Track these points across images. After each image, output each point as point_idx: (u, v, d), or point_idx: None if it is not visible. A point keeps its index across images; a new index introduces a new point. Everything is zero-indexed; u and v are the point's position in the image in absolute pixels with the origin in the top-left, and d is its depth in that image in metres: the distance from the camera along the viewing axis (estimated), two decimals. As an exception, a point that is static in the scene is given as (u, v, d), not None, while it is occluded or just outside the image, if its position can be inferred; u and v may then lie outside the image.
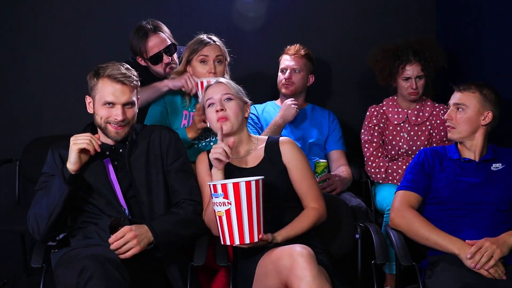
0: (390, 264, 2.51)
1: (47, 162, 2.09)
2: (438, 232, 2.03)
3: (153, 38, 2.56)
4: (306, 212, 2.05)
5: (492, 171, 2.15)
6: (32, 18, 3.10)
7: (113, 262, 1.75)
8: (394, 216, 2.13)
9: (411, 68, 2.66)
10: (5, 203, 3.09)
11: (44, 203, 1.95)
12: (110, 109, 2.01)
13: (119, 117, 1.99)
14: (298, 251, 1.76)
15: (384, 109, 2.79)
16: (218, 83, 2.14)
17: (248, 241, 1.84)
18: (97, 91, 2.03)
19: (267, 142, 2.15)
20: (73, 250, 1.91)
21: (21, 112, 3.15)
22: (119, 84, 2.00)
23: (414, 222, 2.07)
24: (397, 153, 2.74)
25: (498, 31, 2.62)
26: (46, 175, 2.06)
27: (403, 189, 2.17)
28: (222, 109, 2.07)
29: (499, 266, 1.92)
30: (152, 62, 2.60)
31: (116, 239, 1.86)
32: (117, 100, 2.00)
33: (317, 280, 1.71)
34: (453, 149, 2.22)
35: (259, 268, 1.89)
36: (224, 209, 1.82)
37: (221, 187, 1.81)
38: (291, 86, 2.79)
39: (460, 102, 2.16)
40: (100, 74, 2.02)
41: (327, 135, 2.84)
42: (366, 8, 3.17)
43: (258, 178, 1.85)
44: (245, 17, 3.07)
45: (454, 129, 2.18)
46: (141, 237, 1.88)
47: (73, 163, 1.93)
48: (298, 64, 2.78)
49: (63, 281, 1.77)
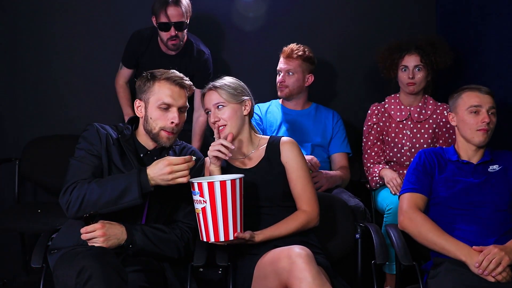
0: (390, 264, 2.50)
1: (90, 140, 1.98)
2: (446, 237, 2.02)
3: (171, 9, 2.69)
4: (295, 215, 2.04)
5: (490, 173, 2.14)
6: (31, 18, 3.10)
7: (112, 262, 1.75)
8: (403, 220, 2.11)
9: (409, 58, 2.68)
10: (4, 202, 3.08)
11: (102, 195, 1.86)
12: (165, 112, 1.99)
13: (176, 120, 1.98)
14: (296, 253, 1.76)
15: (386, 107, 2.79)
16: (211, 91, 2.13)
17: (223, 239, 1.86)
18: (153, 93, 2.00)
19: (269, 141, 2.16)
20: (72, 250, 1.89)
21: (20, 112, 3.15)
22: (177, 86, 2.00)
23: (423, 226, 2.05)
24: (400, 151, 2.74)
25: (498, 31, 2.62)
26: (89, 153, 1.95)
27: (408, 191, 2.15)
28: (218, 120, 2.08)
29: (508, 272, 1.91)
30: (159, 28, 2.74)
31: (85, 231, 1.87)
32: (175, 102, 1.99)
33: (317, 280, 1.71)
34: (451, 151, 2.21)
35: (258, 269, 1.89)
36: (200, 206, 1.86)
37: (197, 185, 1.85)
38: (285, 89, 2.79)
39: (494, 105, 2.14)
40: (157, 77, 2.01)
41: (330, 137, 2.83)
42: (366, 8, 3.17)
43: (235, 177, 1.87)
44: (245, 17, 3.06)
45: (489, 132, 2.14)
46: (110, 237, 1.88)
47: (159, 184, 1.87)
48: (291, 66, 2.77)
49: (62, 281, 1.76)
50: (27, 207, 2.95)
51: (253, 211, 2.01)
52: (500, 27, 2.60)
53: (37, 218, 2.72)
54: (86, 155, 1.96)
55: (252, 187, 2.02)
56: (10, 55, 3.12)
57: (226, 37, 3.09)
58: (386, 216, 2.54)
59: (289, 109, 2.87)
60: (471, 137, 2.14)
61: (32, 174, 3.04)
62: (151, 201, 2.02)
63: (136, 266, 1.91)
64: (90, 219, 1.88)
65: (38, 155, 3.02)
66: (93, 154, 1.96)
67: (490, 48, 2.70)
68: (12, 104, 3.14)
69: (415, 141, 2.72)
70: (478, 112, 2.12)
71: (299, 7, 3.15)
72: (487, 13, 2.72)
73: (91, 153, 1.96)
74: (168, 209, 2.06)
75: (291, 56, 2.77)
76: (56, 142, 3.04)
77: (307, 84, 2.84)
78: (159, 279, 1.98)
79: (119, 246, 1.91)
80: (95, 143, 1.98)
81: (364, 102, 3.00)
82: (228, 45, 3.14)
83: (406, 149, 2.73)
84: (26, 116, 3.15)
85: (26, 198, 3.15)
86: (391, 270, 2.53)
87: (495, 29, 2.64)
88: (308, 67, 2.82)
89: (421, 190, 2.14)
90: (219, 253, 2.00)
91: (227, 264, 1.98)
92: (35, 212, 2.77)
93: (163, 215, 2.05)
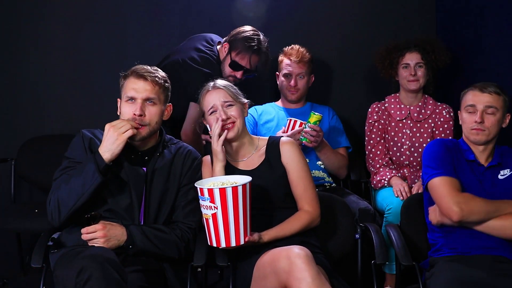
0: (390, 264, 2.50)
1: (74, 147, 2.05)
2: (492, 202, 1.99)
3: (254, 57, 2.69)
4: (298, 215, 2.05)
5: (499, 180, 2.11)
6: (30, 17, 3.08)
7: (112, 262, 1.74)
8: (458, 210, 1.96)
9: (411, 56, 2.70)
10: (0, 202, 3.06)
11: (70, 189, 1.92)
12: (132, 104, 2.01)
13: (137, 112, 1.99)
14: (295, 253, 1.76)
15: (386, 106, 2.80)
16: (217, 89, 2.13)
17: (234, 244, 1.85)
18: (123, 89, 2.04)
19: (268, 142, 2.16)
20: (72, 250, 1.90)
21: (16, 112, 3.13)
22: (141, 79, 2.01)
23: (473, 203, 1.98)
24: (400, 150, 2.74)
25: (498, 31, 2.63)
26: (72, 161, 2.03)
27: (441, 175, 2.04)
28: (228, 117, 2.07)
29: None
30: (230, 64, 2.70)
31: (86, 232, 1.88)
32: (137, 94, 2.00)
33: (317, 280, 1.71)
34: (467, 148, 2.15)
35: (257, 269, 1.88)
36: (210, 212, 1.82)
37: (207, 191, 1.81)
38: (297, 92, 2.81)
39: (492, 104, 2.09)
40: (127, 74, 2.04)
41: (327, 132, 2.83)
42: (366, 8, 3.18)
43: (245, 182, 1.85)
44: (245, 17, 3.06)
45: (484, 132, 2.10)
46: (110, 238, 1.89)
47: (116, 153, 1.91)
48: (302, 69, 2.79)
49: (62, 282, 1.75)
50: (23, 207, 2.94)
51: (254, 212, 2.00)
52: (499, 27, 2.61)
53: (34, 218, 2.70)
54: (68, 165, 2.01)
55: (254, 189, 2.01)
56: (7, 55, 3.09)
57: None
58: (386, 216, 2.54)
59: (287, 108, 2.87)
60: (468, 136, 2.14)
61: (28, 174, 3.03)
62: (147, 202, 2.02)
63: (136, 266, 1.91)
64: (91, 219, 1.88)
65: (34, 155, 3.01)
66: (76, 161, 2.01)
67: (490, 48, 2.71)
68: (8, 104, 3.12)
69: (414, 140, 2.73)
70: (473, 112, 2.12)
71: (298, 8, 3.15)
72: (486, 13, 2.73)
73: (74, 161, 2.01)
74: (167, 209, 2.06)
75: (302, 60, 2.78)
76: (52, 142, 3.03)
77: (309, 85, 2.87)
78: (159, 279, 1.98)
79: (119, 247, 1.91)
80: (78, 150, 2.03)
81: (363, 102, 3.01)
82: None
83: (405, 148, 2.73)
84: (22, 116, 3.13)
85: (22, 198, 3.13)
86: (391, 270, 2.53)
87: (495, 29, 2.65)
88: (311, 68, 2.85)
89: (453, 174, 2.06)
90: (219, 253, 1.99)
91: (227, 264, 1.98)
92: (32, 212, 2.75)
93: (162, 215, 2.05)
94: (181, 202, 2.07)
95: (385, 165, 2.75)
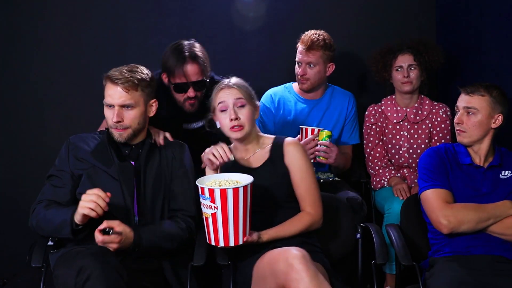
0: (390, 264, 2.50)
1: (60, 155, 2.09)
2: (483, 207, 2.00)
3: (189, 67, 2.34)
4: (300, 216, 2.04)
5: (501, 180, 2.10)
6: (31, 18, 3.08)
7: (112, 262, 1.75)
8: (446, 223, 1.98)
9: (403, 58, 2.69)
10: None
11: (48, 224, 1.96)
12: (111, 110, 2.03)
13: (114, 118, 2.01)
14: (293, 254, 1.76)
15: (383, 108, 2.79)
16: (230, 88, 2.08)
17: (233, 244, 1.86)
18: (104, 93, 2.05)
19: (273, 142, 2.14)
20: (72, 250, 1.89)
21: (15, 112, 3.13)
22: (115, 85, 2.01)
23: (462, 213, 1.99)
24: (398, 153, 2.74)
25: (498, 31, 2.62)
26: (56, 169, 2.07)
27: (431, 187, 2.06)
28: (237, 117, 2.05)
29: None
30: (175, 89, 2.40)
31: (102, 242, 1.86)
32: (113, 101, 2.01)
33: (315, 281, 1.71)
34: (463, 150, 2.15)
35: (256, 270, 1.89)
36: (210, 212, 1.82)
37: (208, 191, 1.81)
38: (306, 81, 2.68)
39: (471, 105, 2.08)
40: (104, 78, 2.05)
41: (342, 125, 2.76)
42: (366, 8, 3.17)
43: (247, 183, 1.84)
44: (245, 17, 3.06)
45: (464, 133, 2.10)
46: (122, 245, 1.89)
47: (79, 220, 1.89)
48: (312, 58, 2.63)
49: (61, 281, 1.75)
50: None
51: (255, 211, 2.00)
52: (499, 27, 2.61)
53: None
54: (53, 173, 2.07)
55: (256, 188, 2.01)
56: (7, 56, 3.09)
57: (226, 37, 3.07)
58: (386, 216, 2.54)
59: (305, 99, 2.76)
60: None
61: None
62: (140, 195, 2.03)
63: (136, 266, 1.91)
64: (107, 233, 1.87)
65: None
66: (60, 169, 2.06)
67: (490, 48, 2.70)
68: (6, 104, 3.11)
69: (412, 142, 2.73)
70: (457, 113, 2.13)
71: (298, 8, 3.15)
72: (486, 13, 2.72)
73: (59, 169, 2.06)
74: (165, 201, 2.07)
75: (312, 47, 2.61)
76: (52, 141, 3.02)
77: (328, 74, 2.71)
78: (159, 279, 1.99)
79: None
80: (61, 159, 2.07)
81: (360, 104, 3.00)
82: (228, 45, 3.13)
83: (404, 150, 2.73)
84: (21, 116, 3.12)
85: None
86: (391, 270, 2.53)
87: (495, 29, 2.65)
88: (328, 56, 2.66)
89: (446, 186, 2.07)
90: (220, 253, 2.00)
91: (227, 263, 1.98)
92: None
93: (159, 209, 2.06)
94: (178, 189, 2.08)
95: (385, 166, 2.75)
